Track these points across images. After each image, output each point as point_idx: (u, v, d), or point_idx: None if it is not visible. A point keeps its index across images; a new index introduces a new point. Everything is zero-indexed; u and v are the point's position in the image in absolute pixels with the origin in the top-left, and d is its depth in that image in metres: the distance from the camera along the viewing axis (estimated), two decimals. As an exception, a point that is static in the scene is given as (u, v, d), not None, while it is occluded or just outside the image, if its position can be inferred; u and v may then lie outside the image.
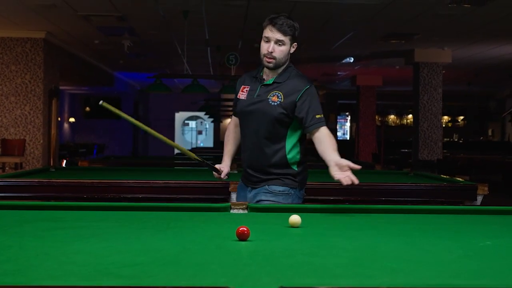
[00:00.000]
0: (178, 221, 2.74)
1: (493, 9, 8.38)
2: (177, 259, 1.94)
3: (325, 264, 1.91)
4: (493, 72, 15.53)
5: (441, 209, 3.24)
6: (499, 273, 1.86)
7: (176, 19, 9.17)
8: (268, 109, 3.36)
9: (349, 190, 4.67)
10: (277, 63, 3.38)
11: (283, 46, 3.37)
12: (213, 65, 14.48)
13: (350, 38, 10.93)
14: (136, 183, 4.48)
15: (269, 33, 3.38)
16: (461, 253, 2.14)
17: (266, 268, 1.83)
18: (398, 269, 1.85)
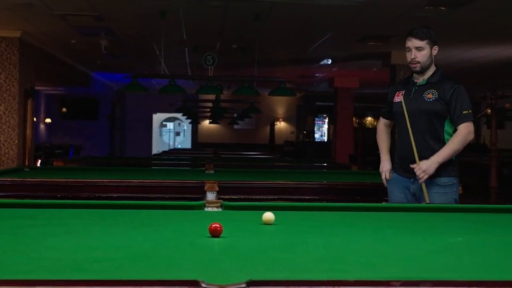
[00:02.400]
0: (152, 219, 2.74)
1: (468, 12, 8.47)
2: (148, 255, 1.94)
3: (297, 260, 1.93)
4: (468, 75, 15.68)
5: (414, 207, 3.27)
6: (468, 267, 1.89)
7: (153, 19, 9.12)
8: (426, 105, 3.82)
9: (325, 189, 4.71)
10: (422, 66, 3.84)
11: (424, 51, 3.82)
12: (190, 66, 14.44)
13: (327, 39, 10.96)
14: (111, 182, 4.46)
15: (409, 43, 3.89)
16: (431, 249, 2.16)
17: (238, 263, 1.84)
18: (368, 264, 1.88)
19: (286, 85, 9.49)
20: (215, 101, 14.70)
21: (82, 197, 4.25)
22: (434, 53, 3.89)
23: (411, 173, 3.88)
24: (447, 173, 3.83)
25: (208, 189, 4.15)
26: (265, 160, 10.20)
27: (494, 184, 6.78)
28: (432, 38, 3.86)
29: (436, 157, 3.74)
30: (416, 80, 3.94)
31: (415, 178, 3.85)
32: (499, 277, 1.73)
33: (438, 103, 3.80)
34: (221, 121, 18.74)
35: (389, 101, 4.10)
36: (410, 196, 3.92)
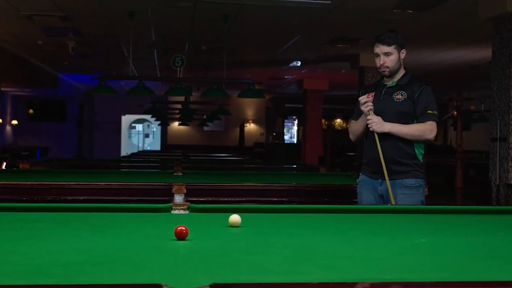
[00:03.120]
0: (117, 222, 2.71)
1: (435, 15, 8.58)
2: (112, 258, 1.93)
3: (261, 262, 1.93)
4: (436, 77, 15.87)
5: (380, 209, 3.29)
6: (430, 268, 1.91)
7: (121, 20, 9.06)
8: (395, 106, 3.90)
9: (293, 191, 4.72)
10: (391, 70, 3.93)
11: (392, 56, 3.91)
12: (160, 67, 14.38)
13: (297, 41, 11.01)
14: (77, 185, 4.41)
15: (377, 49, 3.96)
16: (395, 250, 2.18)
17: (202, 266, 1.84)
18: (331, 266, 1.88)
19: (255, 87, 9.49)
20: (184, 103, 14.65)
21: (47, 200, 4.19)
22: (402, 56, 3.96)
23: (378, 174, 3.92)
24: (414, 174, 3.88)
25: (176, 191, 4.12)
26: (235, 161, 10.19)
27: (460, 185, 6.87)
28: (399, 43, 3.93)
29: (392, 125, 3.85)
30: (386, 82, 4.01)
31: (382, 179, 3.89)
32: (461, 277, 1.75)
33: (407, 103, 3.87)
34: (191, 123, 18.69)
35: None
36: (378, 197, 3.95)
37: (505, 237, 2.54)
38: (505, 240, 2.45)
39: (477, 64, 13.04)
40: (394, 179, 3.86)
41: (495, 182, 7.35)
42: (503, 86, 7.26)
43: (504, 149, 7.21)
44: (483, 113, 15.01)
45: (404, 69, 4.02)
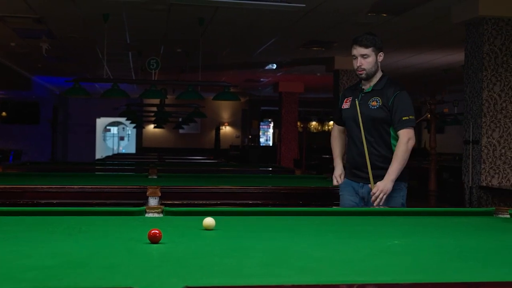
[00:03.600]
0: (91, 225, 2.69)
1: (408, 19, 8.66)
2: (85, 262, 1.91)
3: (236, 265, 1.93)
4: (411, 81, 16.02)
5: (354, 211, 3.31)
6: (403, 269, 1.93)
7: (96, 23, 9.00)
8: (371, 113, 3.89)
9: (268, 194, 4.72)
10: (368, 73, 3.92)
11: (369, 58, 3.90)
12: (134, 70, 14.31)
13: (272, 44, 11.03)
14: (50, 189, 4.36)
15: (354, 51, 3.94)
16: (369, 252, 2.19)
17: (175, 270, 1.83)
18: (306, 268, 1.89)
19: (231, 90, 9.49)
20: (160, 106, 14.60)
21: (20, 204, 4.14)
22: (380, 59, 3.96)
23: (360, 178, 3.94)
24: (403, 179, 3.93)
25: (150, 194, 4.10)
26: (210, 164, 10.17)
27: (433, 187, 6.93)
28: (377, 45, 3.93)
29: (388, 175, 3.80)
30: (364, 86, 4.01)
31: (364, 182, 3.93)
32: (434, 279, 1.77)
33: (381, 110, 3.87)
34: (166, 126, 18.62)
35: (339, 108, 4.16)
36: (359, 200, 3.97)
37: (478, 238, 2.57)
38: (477, 241, 2.48)
39: (450, 68, 13.19)
40: (376, 181, 3.88)
41: (468, 184, 7.43)
42: (475, 89, 7.35)
43: (476, 152, 7.30)
44: (456, 116, 15.16)
45: (382, 72, 4.03)
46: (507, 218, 3.16)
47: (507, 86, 7.22)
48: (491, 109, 7.20)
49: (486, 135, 7.20)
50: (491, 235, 2.68)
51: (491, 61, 7.19)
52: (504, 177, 7.24)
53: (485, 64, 7.18)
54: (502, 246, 2.36)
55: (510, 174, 7.26)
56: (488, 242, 2.47)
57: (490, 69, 7.19)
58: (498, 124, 7.22)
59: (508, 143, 7.25)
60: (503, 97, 7.22)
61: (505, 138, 7.23)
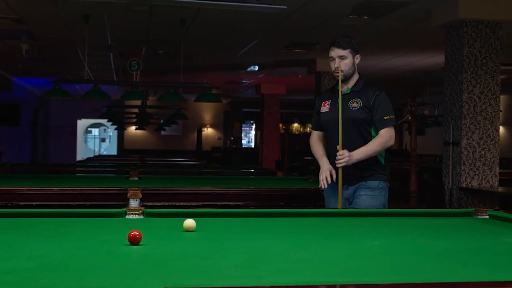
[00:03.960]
0: (71, 227, 2.67)
1: (389, 22, 8.70)
2: (63, 264, 1.90)
3: (216, 266, 1.93)
4: (390, 82, 16.10)
5: (335, 212, 3.32)
6: (383, 270, 1.93)
7: (77, 23, 8.94)
8: (351, 114, 3.90)
9: (250, 196, 4.72)
10: (345, 74, 3.94)
11: (346, 60, 3.93)
12: (116, 71, 14.24)
13: (254, 46, 11.03)
14: (30, 190, 4.33)
15: (332, 52, 3.98)
16: (349, 253, 2.20)
17: (155, 271, 1.82)
18: (286, 269, 1.89)
19: (212, 91, 9.48)
20: (141, 107, 14.54)
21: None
22: (357, 61, 3.98)
23: (343, 180, 3.92)
24: (377, 177, 3.92)
25: (131, 196, 4.08)
26: (192, 166, 10.15)
27: (414, 188, 6.98)
28: (354, 47, 3.96)
29: (357, 152, 3.80)
30: (341, 89, 4.00)
31: (348, 184, 3.92)
32: (413, 279, 1.78)
33: (362, 111, 3.89)
34: (147, 127, 18.55)
35: (317, 111, 4.16)
36: (344, 201, 3.97)
37: (457, 239, 2.59)
38: (456, 242, 2.50)
39: (430, 70, 13.28)
40: (358, 182, 3.90)
41: (448, 186, 7.49)
42: (455, 91, 7.41)
43: (456, 153, 7.36)
44: (436, 117, 15.27)
45: (358, 75, 4.05)
46: (486, 219, 3.19)
47: (486, 88, 7.29)
48: (471, 111, 7.26)
49: (466, 137, 7.26)
50: (469, 236, 2.70)
51: (470, 63, 7.25)
52: (483, 179, 7.30)
53: (465, 66, 7.24)
54: (481, 247, 2.38)
55: (490, 175, 7.33)
56: (467, 243, 2.49)
57: (469, 72, 7.25)
58: (478, 126, 7.28)
59: (488, 144, 7.31)
60: (482, 99, 7.28)
61: (484, 139, 7.30)
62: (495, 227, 2.95)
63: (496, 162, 7.38)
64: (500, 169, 7.54)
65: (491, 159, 7.33)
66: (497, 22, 7.31)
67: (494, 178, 7.36)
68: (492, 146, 7.33)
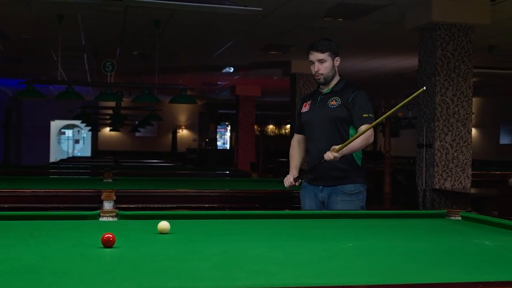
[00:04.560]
0: (43, 230, 2.64)
1: (364, 24, 8.77)
2: (36, 268, 1.87)
3: (191, 269, 1.92)
4: (365, 85, 16.20)
5: (309, 214, 3.33)
6: (358, 271, 1.94)
7: (50, 24, 8.86)
8: (330, 112, 3.93)
9: (225, 197, 4.71)
10: (326, 77, 3.96)
11: (326, 63, 3.94)
12: (90, 72, 14.14)
13: (229, 47, 11.04)
14: (1, 192, 4.26)
15: (311, 56, 3.98)
16: (324, 255, 2.21)
17: (129, 274, 1.81)
18: (261, 271, 1.89)
19: (187, 93, 9.46)
20: (115, 108, 14.45)
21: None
22: (337, 64, 4.01)
23: (318, 181, 3.94)
24: (353, 180, 3.90)
25: (105, 198, 4.04)
26: (167, 168, 10.10)
27: (388, 190, 7.03)
28: (333, 50, 3.97)
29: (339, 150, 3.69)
30: (322, 89, 4.05)
31: (323, 185, 3.92)
32: (387, 280, 1.79)
33: (341, 109, 3.90)
34: (122, 129, 18.45)
35: (299, 113, 4.18)
36: (319, 204, 3.96)
37: (430, 240, 2.61)
38: (430, 243, 2.52)
39: (404, 72, 13.40)
40: (334, 185, 3.89)
41: (421, 187, 7.56)
42: (429, 93, 7.48)
43: (430, 155, 7.43)
44: (410, 120, 15.41)
45: (340, 76, 4.07)
46: (459, 220, 3.23)
47: (459, 91, 7.37)
48: (444, 113, 7.34)
49: (439, 139, 7.33)
50: (443, 237, 2.73)
51: (443, 66, 7.33)
52: (456, 180, 7.39)
53: (438, 69, 7.32)
54: (453, 248, 2.41)
55: (462, 177, 7.41)
56: (440, 244, 2.51)
57: (442, 74, 7.33)
58: (451, 128, 7.36)
59: (460, 146, 7.40)
60: (455, 101, 7.36)
61: (457, 141, 7.38)
62: (467, 228, 2.98)
63: (469, 164, 7.47)
64: (472, 170, 7.63)
65: (463, 161, 7.42)
66: (470, 26, 7.40)
67: (467, 179, 7.44)
68: (464, 148, 7.42)
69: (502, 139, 16.51)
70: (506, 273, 1.95)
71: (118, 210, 3.06)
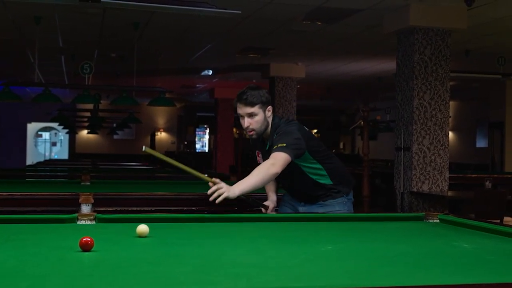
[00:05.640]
0: (20, 234, 2.61)
1: (343, 28, 8.82)
2: (13, 272, 1.85)
3: (170, 272, 1.90)
4: (344, 88, 16.30)
5: (288, 217, 3.33)
6: (337, 274, 1.95)
7: (27, 25, 8.78)
8: None
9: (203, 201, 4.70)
10: (258, 132, 3.60)
11: (256, 116, 3.55)
12: (67, 74, 14.03)
13: (208, 50, 11.03)
14: (-23, 195, 4.20)
15: (239, 110, 3.59)
16: (303, 258, 2.21)
17: (108, 278, 1.79)
18: (241, 274, 1.88)
19: (166, 95, 9.43)
20: (93, 111, 14.36)
21: None
22: (269, 114, 3.62)
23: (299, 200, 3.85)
24: (332, 196, 3.76)
25: (83, 201, 4.01)
26: (145, 170, 10.05)
27: (366, 193, 7.06)
28: (263, 100, 3.57)
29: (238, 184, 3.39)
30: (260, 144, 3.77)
31: (305, 202, 3.80)
32: (366, 283, 1.79)
33: None
34: (100, 131, 18.34)
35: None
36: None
37: (409, 243, 2.63)
38: (408, 246, 2.53)
39: (382, 76, 13.49)
40: (316, 202, 3.76)
41: (399, 190, 7.61)
42: (406, 97, 7.54)
43: (407, 158, 7.48)
44: (388, 123, 15.51)
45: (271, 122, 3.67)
46: (437, 223, 3.25)
47: (436, 95, 7.44)
48: (421, 117, 7.40)
49: (416, 142, 7.39)
50: (421, 240, 2.74)
51: (421, 70, 7.39)
52: (434, 183, 7.44)
53: (416, 73, 7.38)
54: (431, 250, 2.42)
55: (440, 180, 7.47)
56: (419, 246, 2.52)
57: (420, 78, 7.39)
58: (428, 131, 7.42)
59: (438, 149, 7.46)
60: (432, 105, 7.43)
61: (434, 145, 7.44)
62: (445, 230, 3.00)
63: (446, 167, 7.54)
64: (449, 173, 7.70)
65: (441, 164, 7.48)
66: (447, 30, 7.47)
67: (444, 182, 7.51)
68: (442, 151, 7.48)
69: (479, 142, 16.70)
70: (486, 275, 1.96)
71: (96, 214, 3.04)
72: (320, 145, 3.79)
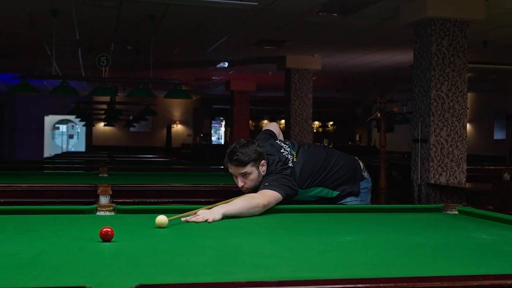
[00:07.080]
0: (40, 224, 2.63)
1: (359, 19, 8.77)
2: (33, 262, 1.87)
3: (188, 263, 1.92)
4: (360, 80, 16.23)
5: (305, 208, 3.33)
6: (355, 265, 1.95)
7: (44, 18, 8.82)
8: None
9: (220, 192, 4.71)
10: (253, 188, 3.39)
11: (250, 175, 3.38)
12: (84, 67, 14.10)
13: (224, 42, 11.02)
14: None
15: (231, 170, 3.43)
16: (321, 249, 2.21)
17: (128, 268, 1.81)
18: (259, 265, 1.89)
19: (182, 88, 9.45)
20: (110, 103, 14.41)
21: (-35, 203, 4.03)
22: (263, 169, 3.43)
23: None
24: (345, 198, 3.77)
25: (101, 192, 4.03)
26: (161, 163, 10.09)
27: (383, 185, 7.03)
28: (255, 157, 3.37)
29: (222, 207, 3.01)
30: None
31: None
32: (384, 274, 1.79)
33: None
34: (116, 124, 18.40)
35: None
36: None
37: (426, 234, 2.62)
38: (426, 237, 2.52)
39: (399, 67, 13.41)
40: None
41: (416, 182, 7.57)
42: (424, 88, 7.49)
43: (425, 150, 7.44)
44: (405, 114, 15.42)
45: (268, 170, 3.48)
46: (456, 214, 3.23)
47: (454, 86, 7.38)
48: (439, 108, 7.35)
49: (434, 134, 7.34)
50: (440, 231, 2.73)
51: (438, 61, 7.34)
52: (451, 175, 7.40)
53: (433, 64, 7.33)
54: (450, 241, 2.42)
55: (457, 171, 7.43)
56: (437, 238, 2.52)
57: (438, 69, 7.33)
58: (446, 123, 7.37)
59: (455, 141, 7.41)
60: (450, 96, 7.37)
61: (452, 136, 7.39)
62: (464, 222, 2.99)
63: (464, 159, 7.49)
64: (467, 165, 7.65)
65: (458, 156, 7.44)
66: (465, 21, 7.41)
67: (462, 174, 7.46)
68: (459, 143, 7.43)
69: (496, 134, 16.56)
70: (505, 266, 1.95)
71: (115, 205, 3.06)
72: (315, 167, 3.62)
